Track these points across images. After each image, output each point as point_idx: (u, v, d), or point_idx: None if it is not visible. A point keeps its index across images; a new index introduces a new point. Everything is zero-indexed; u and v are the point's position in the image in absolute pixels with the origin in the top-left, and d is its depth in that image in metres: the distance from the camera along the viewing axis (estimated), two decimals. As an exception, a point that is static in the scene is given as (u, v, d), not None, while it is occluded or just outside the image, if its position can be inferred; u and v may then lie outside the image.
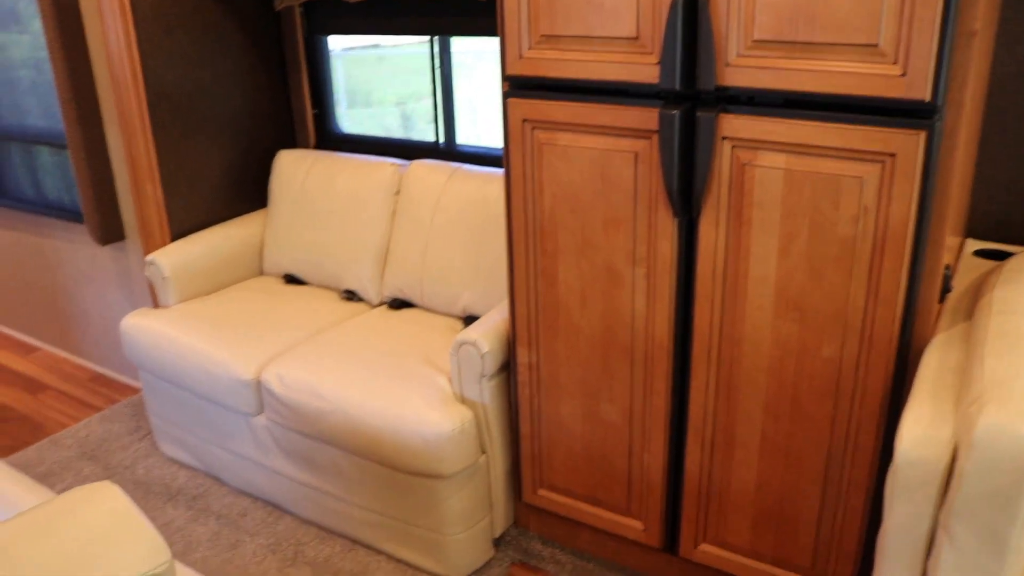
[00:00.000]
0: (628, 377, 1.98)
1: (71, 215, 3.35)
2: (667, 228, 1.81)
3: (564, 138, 1.87)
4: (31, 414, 3.39)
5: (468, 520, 2.29)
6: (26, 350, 3.97)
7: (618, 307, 1.93)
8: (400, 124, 3.35)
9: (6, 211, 3.74)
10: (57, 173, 3.39)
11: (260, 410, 2.51)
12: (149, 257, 2.87)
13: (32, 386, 3.62)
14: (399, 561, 2.38)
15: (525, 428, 2.25)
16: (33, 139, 3.40)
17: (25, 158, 3.50)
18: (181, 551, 2.48)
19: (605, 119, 1.79)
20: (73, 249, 3.51)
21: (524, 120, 1.91)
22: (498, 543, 2.43)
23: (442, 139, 2.95)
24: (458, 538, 2.28)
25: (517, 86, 1.91)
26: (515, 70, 1.88)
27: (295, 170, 3.05)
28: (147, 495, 2.76)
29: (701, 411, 1.91)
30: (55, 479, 2.90)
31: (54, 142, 3.32)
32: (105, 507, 1.10)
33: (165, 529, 2.58)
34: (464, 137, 2.96)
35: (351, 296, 2.91)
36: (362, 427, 2.24)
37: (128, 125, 2.80)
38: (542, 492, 2.29)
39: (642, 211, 1.82)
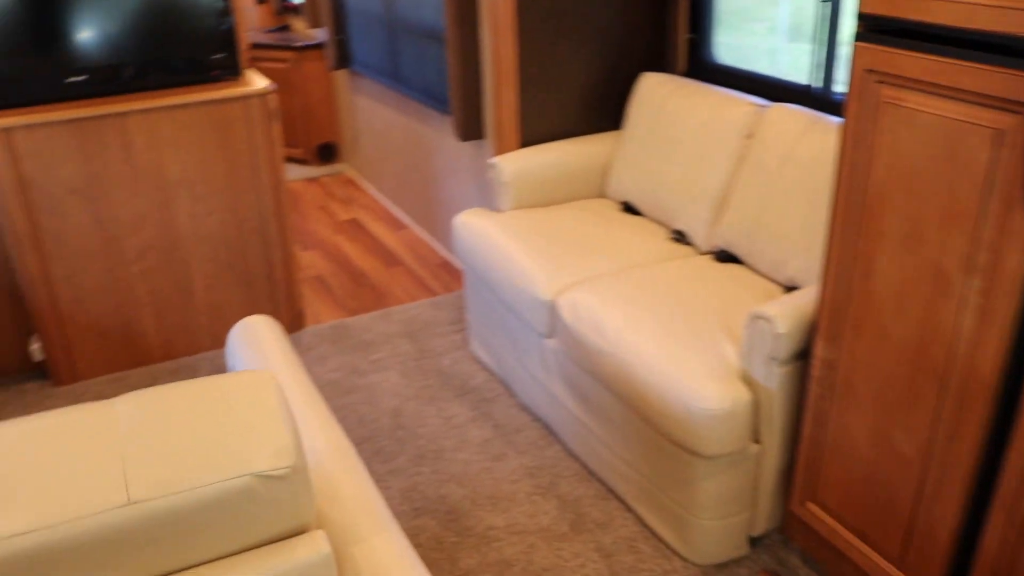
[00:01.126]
0: (933, 407, 1.63)
1: (444, 108, 3.58)
2: (1022, 235, 1.41)
3: (912, 99, 1.53)
4: (380, 284, 3.76)
5: (724, 509, 2.10)
6: (396, 226, 4.40)
7: (939, 320, 1.58)
8: (773, 61, 3.05)
9: (401, 97, 4.10)
10: (438, 68, 3.62)
11: (551, 333, 2.51)
12: (493, 160, 2.96)
13: (390, 260, 4.00)
14: (645, 527, 2.27)
15: (807, 430, 1.97)
16: (424, 33, 3.66)
17: (417, 50, 3.79)
18: (451, 447, 2.61)
19: (967, 81, 1.42)
20: (442, 140, 3.76)
21: (868, 70, 1.59)
22: (755, 543, 2.21)
23: (816, 83, 2.62)
24: (709, 524, 2.11)
25: (870, 27, 1.59)
26: (870, 7, 1.56)
27: (654, 95, 2.92)
28: (443, 386, 2.93)
29: (1018, 476, 1.51)
30: (373, 349, 3.20)
31: (438, 37, 3.53)
32: (255, 396, 1.14)
33: (445, 423, 2.73)
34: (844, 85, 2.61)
35: (679, 237, 2.76)
36: (632, 378, 2.13)
37: (497, 26, 2.87)
38: (810, 506, 2.02)
39: (994, 207, 1.44)
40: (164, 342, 3.17)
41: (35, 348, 3.02)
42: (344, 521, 1.30)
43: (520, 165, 2.96)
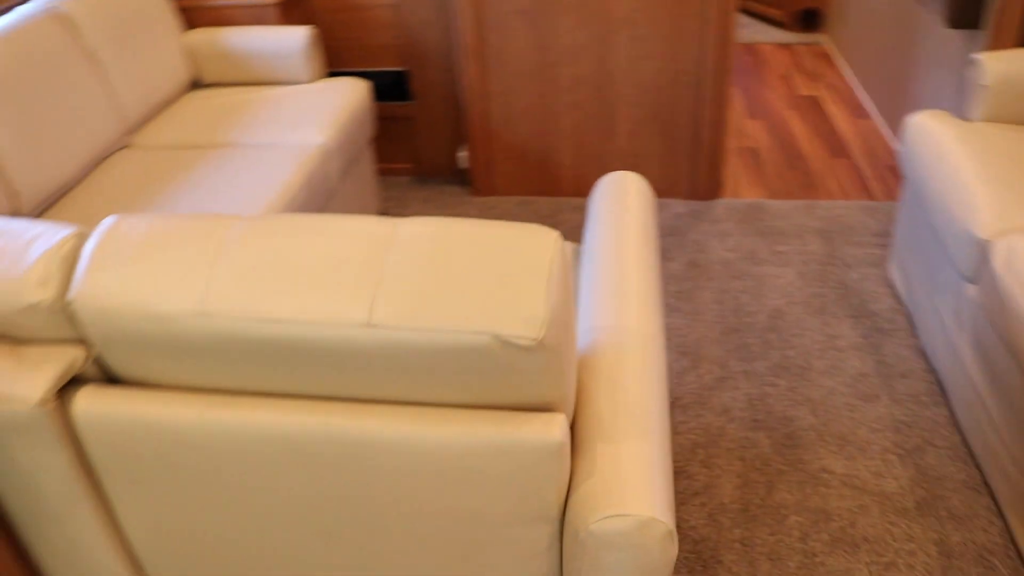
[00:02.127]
0: None
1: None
2: None
3: None
4: (816, 172, 3.44)
5: None
6: (858, 114, 3.95)
7: None
8: None
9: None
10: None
11: (975, 279, 2.09)
12: (975, 55, 2.46)
13: (836, 148, 3.63)
14: (1012, 542, 1.88)
15: None
16: None
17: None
18: (821, 368, 2.36)
19: None
20: (931, 24, 3.21)
21: None
22: None
23: None
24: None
25: None
26: None
27: None
28: (839, 300, 2.64)
29: None
30: (781, 239, 2.96)
31: None
32: (530, 256, 1.06)
33: (825, 341, 2.46)
34: None
35: None
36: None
37: None
38: None
39: None
40: (576, 177, 3.24)
41: (462, 156, 3.28)
42: (604, 413, 1.21)
43: (1010, 68, 2.43)
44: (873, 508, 1.97)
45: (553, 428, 1.08)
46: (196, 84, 3.01)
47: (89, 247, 1.18)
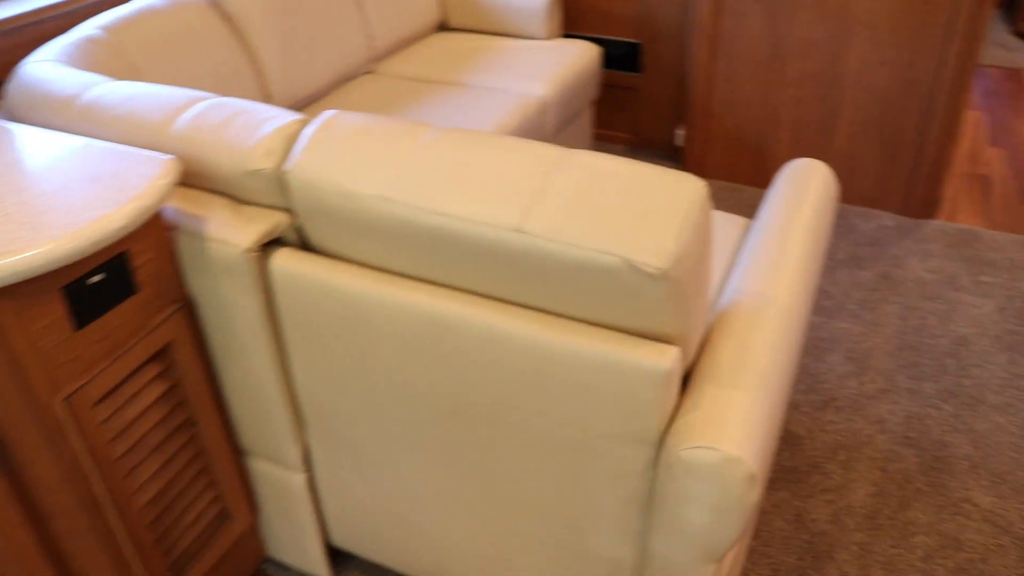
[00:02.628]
0: None
1: None
2: None
3: None
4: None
5: None
6: (1116, 157, 3.64)
7: None
8: None
9: None
10: None
11: None
12: None
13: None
14: None
15: None
16: None
17: None
18: (995, 404, 2.28)
19: None
20: None
21: None
22: None
23: None
24: None
25: None
26: None
27: None
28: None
29: None
30: (988, 270, 2.84)
31: None
32: (675, 198, 1.16)
33: (1008, 378, 2.37)
34: None
35: None
36: None
37: None
38: None
39: None
40: (787, 174, 3.23)
41: (679, 134, 3.34)
42: (723, 363, 1.29)
43: None
44: (1012, 551, 1.91)
45: (665, 357, 1.18)
46: (443, 26, 3.26)
47: (308, 131, 1.39)
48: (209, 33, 2.31)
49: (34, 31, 2.16)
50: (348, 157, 1.33)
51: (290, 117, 1.46)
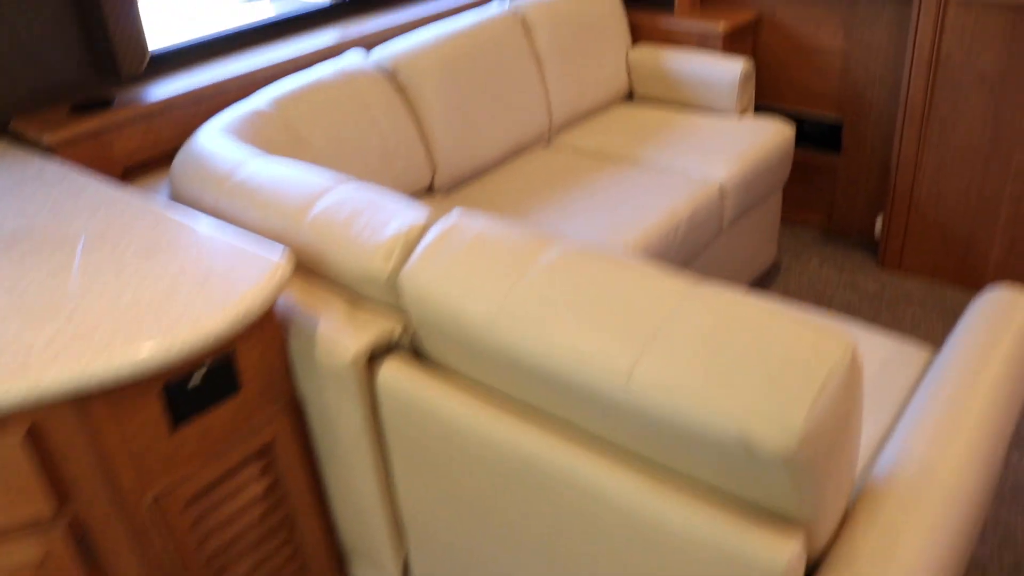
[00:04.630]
0: None
1: None
2: None
3: None
4: None
5: None
6: None
7: None
8: None
9: None
10: None
11: None
12: None
13: None
14: None
15: None
16: None
17: None
18: None
19: None
20: None
21: None
22: None
23: None
24: None
25: None
26: None
27: None
28: None
29: None
30: None
31: None
32: (816, 359, 0.98)
33: None
34: None
35: None
36: None
37: None
38: None
39: None
40: (1001, 275, 2.86)
41: (877, 224, 3.05)
42: (863, 551, 1.09)
43: None
44: None
45: (784, 549, 1.00)
46: (631, 95, 3.14)
47: (429, 236, 1.32)
48: (379, 104, 2.31)
49: (212, 102, 2.25)
50: (461, 271, 1.24)
51: (414, 218, 1.40)
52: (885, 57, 2.95)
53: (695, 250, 2.46)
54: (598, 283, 1.15)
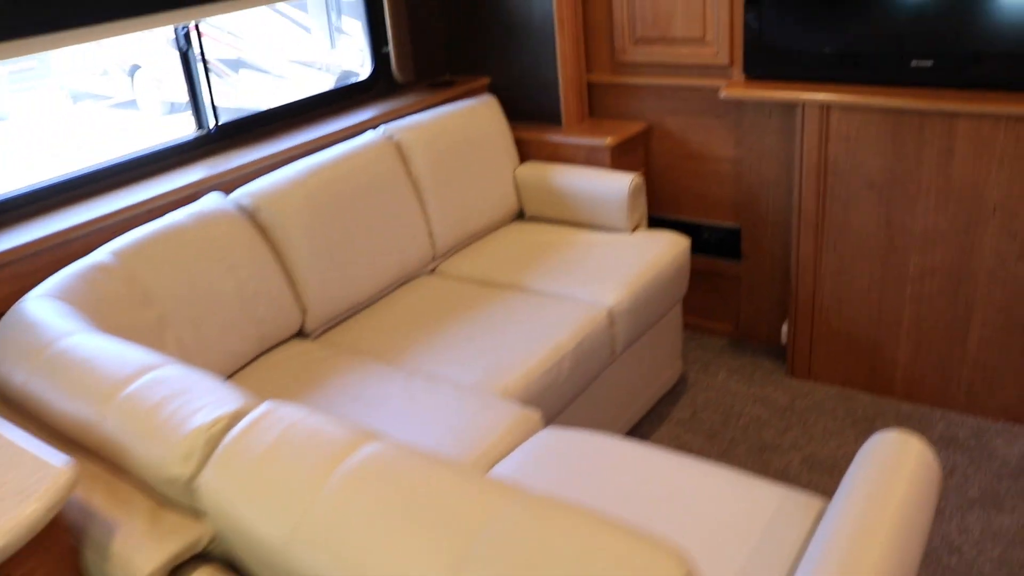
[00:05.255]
0: None
1: None
2: None
3: None
4: None
5: None
6: None
7: None
8: None
9: None
10: None
11: None
12: None
13: None
14: None
15: None
16: None
17: None
18: None
19: None
20: None
21: None
22: None
23: None
24: None
25: None
26: None
27: None
28: None
29: None
30: None
31: None
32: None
33: None
34: None
35: None
36: None
37: None
38: None
39: None
40: (910, 379, 2.78)
41: (783, 331, 2.96)
42: None
43: None
44: None
45: None
46: (521, 215, 3.05)
47: (232, 434, 1.16)
48: (237, 248, 2.16)
49: (52, 255, 2.08)
50: (257, 482, 1.08)
51: (221, 409, 1.23)
52: (777, 163, 2.91)
53: (586, 380, 2.33)
54: (407, 494, 1.00)
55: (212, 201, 2.23)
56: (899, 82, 2.56)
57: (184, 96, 2.54)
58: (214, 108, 2.57)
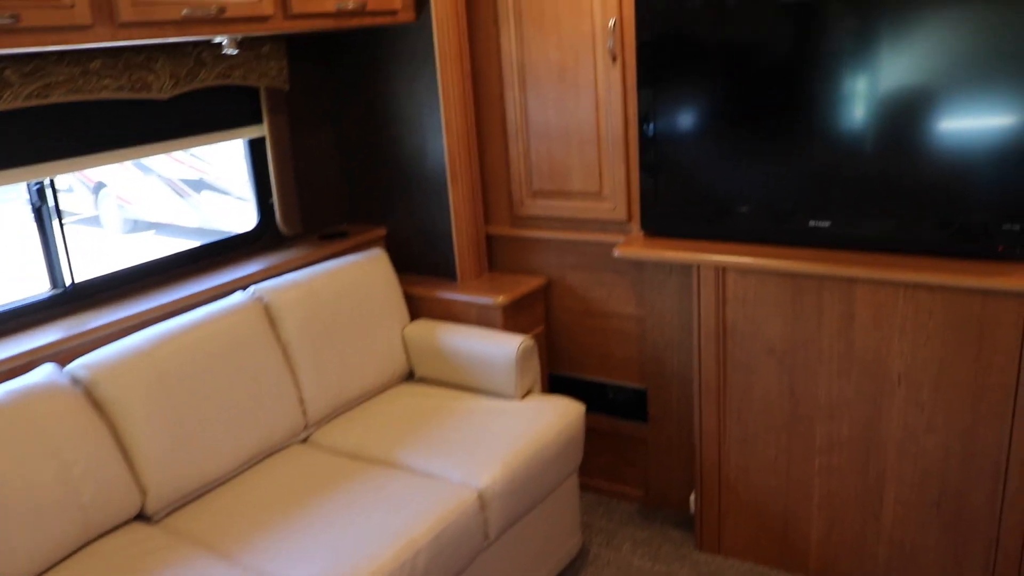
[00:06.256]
0: None
1: None
2: None
3: None
4: None
5: None
6: None
7: None
8: None
9: None
10: None
11: None
12: None
13: None
14: None
15: None
16: None
17: None
18: None
19: None
20: None
21: None
22: None
23: None
24: None
25: None
26: None
27: None
28: None
29: None
30: None
31: None
32: None
33: None
34: None
35: None
36: None
37: None
38: None
39: None
40: (824, 556, 2.57)
41: (692, 500, 2.77)
42: None
43: None
44: None
45: None
46: (411, 375, 2.86)
47: None
48: (63, 428, 1.96)
49: None
50: None
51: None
52: (680, 323, 2.78)
53: (453, 572, 2.10)
54: None
55: (43, 374, 2.04)
56: (798, 242, 2.47)
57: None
58: (70, 264, 2.41)
